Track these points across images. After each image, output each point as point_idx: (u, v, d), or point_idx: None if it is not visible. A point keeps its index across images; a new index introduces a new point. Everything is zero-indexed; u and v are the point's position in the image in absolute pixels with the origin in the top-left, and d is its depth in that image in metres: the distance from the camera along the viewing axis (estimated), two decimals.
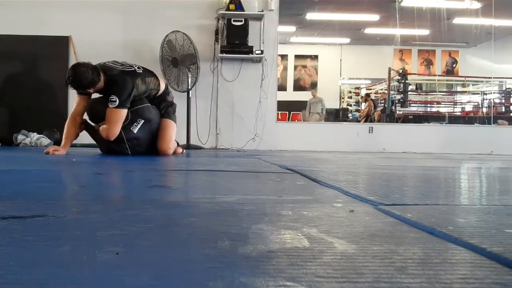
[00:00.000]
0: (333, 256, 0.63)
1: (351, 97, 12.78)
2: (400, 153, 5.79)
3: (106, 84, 3.33)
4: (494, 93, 10.92)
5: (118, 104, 3.26)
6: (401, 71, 10.05)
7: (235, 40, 5.76)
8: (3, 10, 5.82)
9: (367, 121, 10.12)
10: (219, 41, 5.89)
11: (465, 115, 10.67)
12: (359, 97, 12.36)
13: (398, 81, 9.79)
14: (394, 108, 9.47)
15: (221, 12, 5.80)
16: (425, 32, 10.91)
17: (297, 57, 12.64)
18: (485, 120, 9.07)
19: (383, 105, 10.33)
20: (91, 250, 0.63)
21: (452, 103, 11.54)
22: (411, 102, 10.42)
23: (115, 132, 3.30)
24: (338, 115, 11.48)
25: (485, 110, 10.11)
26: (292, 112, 11.24)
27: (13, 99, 5.90)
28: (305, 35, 11.85)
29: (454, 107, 11.47)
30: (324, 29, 11.30)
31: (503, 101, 10.83)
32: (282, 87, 11.40)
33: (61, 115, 5.26)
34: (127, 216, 0.94)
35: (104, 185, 1.70)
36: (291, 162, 3.09)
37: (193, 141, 5.73)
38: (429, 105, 11.34)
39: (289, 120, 10.95)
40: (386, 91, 9.92)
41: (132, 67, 3.46)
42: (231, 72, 6.03)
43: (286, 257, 0.62)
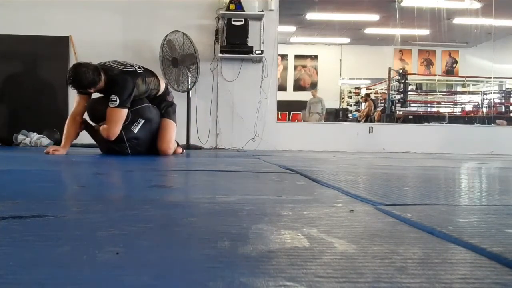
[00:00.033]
0: (333, 256, 0.63)
1: (351, 97, 12.78)
2: (400, 153, 5.79)
3: (106, 84, 3.33)
4: (494, 93, 10.92)
5: (118, 103, 3.26)
6: (401, 71, 10.05)
7: (235, 40, 5.76)
8: (3, 10, 5.82)
9: (367, 121, 10.12)
10: (219, 41, 5.89)
11: (465, 115, 10.67)
12: (359, 97, 12.36)
13: (398, 81, 9.79)
14: (394, 108, 9.47)
15: (221, 12, 5.80)
16: (425, 32, 10.90)
17: (297, 57, 12.64)
18: (485, 120, 9.07)
19: (383, 105, 10.33)
20: (91, 250, 0.63)
21: (452, 103, 11.54)
22: (411, 102, 10.42)
23: (115, 131, 3.30)
24: (338, 115, 11.48)
25: (485, 110, 10.10)
26: (292, 112, 11.24)
27: (13, 99, 5.90)
28: (305, 35, 11.85)
29: (454, 107, 11.47)
30: (324, 29, 11.30)
31: (503, 101, 10.83)
32: (282, 87, 11.40)
33: (61, 115, 5.26)
34: (127, 216, 0.94)
35: (104, 185, 1.70)
36: (291, 162, 3.08)
37: (193, 141, 5.73)
38: (429, 105, 11.34)
39: (289, 120, 10.95)
40: (386, 91, 9.92)
41: (132, 67, 3.46)
42: (231, 72, 6.03)
43: (286, 257, 0.62)
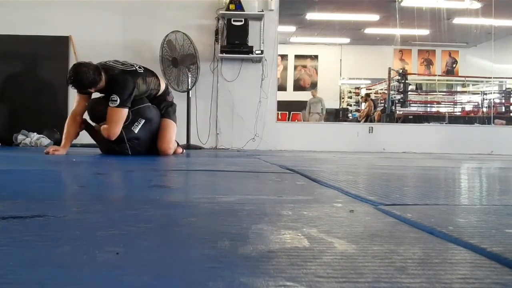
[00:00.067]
0: (333, 256, 0.63)
1: (351, 97, 12.77)
2: (400, 153, 5.79)
3: (107, 83, 3.32)
4: (494, 93, 10.92)
5: (119, 103, 3.25)
6: (401, 71, 10.05)
7: (235, 40, 5.76)
8: (3, 10, 5.82)
9: (367, 121, 10.12)
10: (219, 41, 5.89)
11: (465, 115, 10.66)
12: (359, 97, 12.35)
13: (398, 81, 9.79)
14: (394, 108, 9.47)
15: (221, 12, 5.80)
16: (425, 32, 10.90)
17: (297, 57, 12.64)
18: (485, 120, 9.07)
19: (383, 105, 10.33)
20: (91, 250, 0.63)
21: (452, 103, 11.54)
22: (411, 102, 10.42)
23: (116, 131, 3.30)
24: (338, 115, 11.49)
25: (485, 110, 10.10)
26: (292, 112, 11.24)
27: (13, 99, 5.90)
28: (305, 35, 11.85)
29: (454, 107, 11.47)
30: (324, 29, 11.30)
31: (503, 101, 10.83)
32: (282, 87, 11.40)
33: (61, 115, 5.25)
34: (127, 216, 0.94)
35: (104, 185, 1.70)
36: (291, 162, 3.08)
37: (193, 141, 5.73)
38: (429, 105, 11.34)
39: (289, 120, 10.95)
40: (386, 91, 9.92)
41: (133, 66, 3.46)
42: (231, 72, 6.03)
43: (286, 257, 0.62)
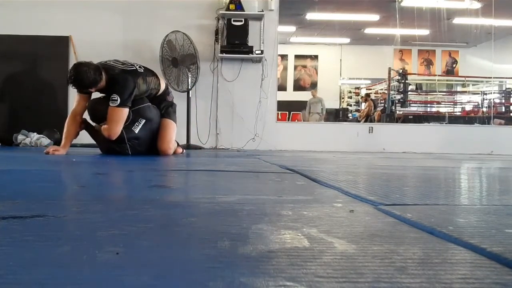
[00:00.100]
0: (333, 256, 0.63)
1: (351, 97, 12.77)
2: (400, 153, 5.79)
3: (107, 83, 3.32)
4: (494, 93, 10.92)
5: (119, 103, 3.25)
6: (401, 71, 10.05)
7: (235, 40, 5.76)
8: (3, 10, 5.82)
9: (367, 121, 10.12)
10: (219, 41, 5.89)
11: (465, 115, 10.66)
12: (359, 97, 12.35)
13: (398, 81, 9.79)
14: (394, 108, 9.47)
15: (221, 12, 5.80)
16: (425, 32, 10.90)
17: (297, 57, 12.64)
18: (485, 120, 9.07)
19: (383, 105, 10.33)
20: (91, 250, 0.63)
21: (452, 103, 11.54)
22: (411, 102, 10.42)
23: (117, 131, 3.30)
24: (338, 115, 11.49)
25: (485, 110, 10.10)
26: (292, 112, 11.24)
27: (13, 99, 5.90)
28: (305, 35, 11.85)
29: (454, 107, 11.47)
30: (324, 29, 11.30)
31: (503, 101, 10.82)
32: (282, 87, 11.40)
33: (61, 115, 5.24)
34: (127, 216, 0.94)
35: (104, 185, 1.70)
36: (291, 162, 3.08)
37: (193, 141, 5.73)
38: (429, 105, 11.34)
39: (289, 120, 10.95)
40: (386, 91, 9.92)
41: (133, 66, 3.46)
42: (231, 72, 6.03)
43: (286, 257, 0.62)
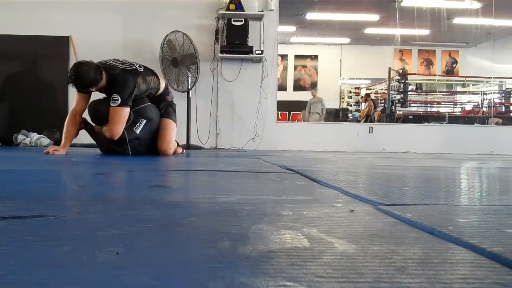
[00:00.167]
0: (333, 256, 0.63)
1: (351, 97, 12.77)
2: (400, 153, 5.79)
3: (107, 82, 3.32)
4: (494, 93, 10.91)
5: (120, 102, 3.25)
6: (401, 71, 10.05)
7: (235, 40, 5.76)
8: (3, 10, 5.82)
9: (367, 121, 10.12)
10: (219, 41, 5.89)
11: (466, 114, 10.65)
12: (359, 97, 12.35)
13: (398, 81, 9.79)
14: (394, 108, 9.47)
15: (221, 12, 5.80)
16: (425, 32, 10.90)
17: (297, 57, 12.64)
18: (485, 120, 9.07)
19: (383, 105, 10.32)
20: (91, 250, 0.63)
21: (452, 103, 11.54)
22: (411, 102, 10.42)
23: (118, 131, 3.30)
24: (338, 115, 11.48)
25: (485, 110, 10.10)
26: (292, 112, 11.24)
27: (13, 99, 5.90)
28: (305, 35, 11.84)
29: (454, 107, 11.47)
30: (324, 29, 11.30)
31: (503, 101, 10.82)
32: (282, 87, 11.40)
33: (61, 115, 5.22)
34: (127, 216, 0.94)
35: (104, 185, 1.70)
36: (291, 162, 3.08)
37: (193, 141, 5.73)
38: (429, 105, 11.33)
39: (289, 120, 10.95)
40: (386, 91, 9.92)
41: (133, 65, 3.46)
42: (231, 72, 6.03)
43: (286, 257, 0.62)
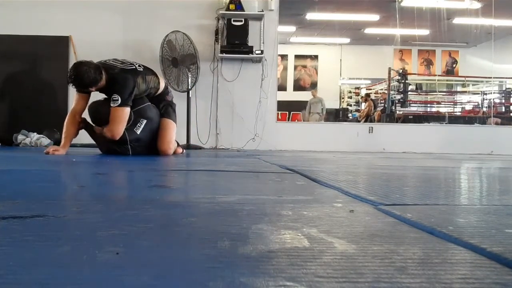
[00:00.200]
0: (333, 256, 0.63)
1: (351, 97, 12.77)
2: (400, 153, 5.79)
3: (107, 82, 3.32)
4: (494, 93, 10.91)
5: (120, 102, 3.25)
6: (401, 71, 10.05)
7: (235, 40, 5.76)
8: (3, 10, 5.82)
9: (367, 121, 10.12)
10: (219, 41, 5.89)
11: (466, 114, 10.65)
12: (359, 97, 12.35)
13: (398, 81, 9.78)
14: (394, 108, 9.47)
15: (221, 12, 5.80)
16: (425, 32, 10.90)
17: (297, 57, 12.63)
18: (485, 120, 9.07)
19: (383, 105, 10.32)
20: (91, 250, 0.63)
21: (452, 103, 11.53)
22: (411, 102, 10.42)
23: (120, 131, 3.30)
24: (338, 115, 11.48)
25: (485, 110, 10.10)
26: (292, 112, 11.24)
27: (13, 99, 5.90)
28: (305, 35, 11.84)
29: (454, 107, 11.47)
30: (324, 29, 11.29)
31: (503, 101, 10.82)
32: (282, 87, 11.39)
33: (61, 115, 5.20)
34: (127, 216, 0.94)
35: (104, 185, 1.70)
36: (291, 162, 3.08)
37: (193, 141, 5.73)
38: (429, 105, 11.33)
39: (289, 120, 10.95)
40: (386, 91, 9.92)
41: (132, 65, 3.46)
42: (231, 72, 6.03)
43: (286, 257, 0.61)
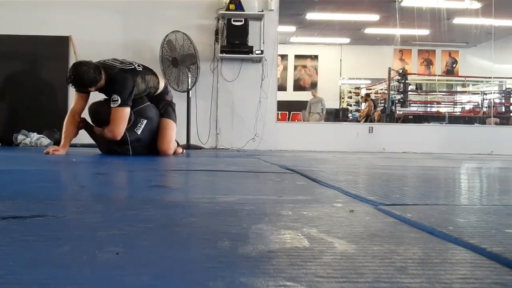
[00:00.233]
0: (333, 256, 0.63)
1: (351, 97, 12.77)
2: (400, 153, 5.79)
3: (106, 82, 3.32)
4: (494, 93, 10.91)
5: (120, 103, 3.25)
6: (401, 71, 10.05)
7: (235, 40, 5.76)
8: (3, 10, 5.82)
9: (367, 121, 10.12)
10: (219, 41, 5.89)
11: (467, 113, 10.64)
12: (359, 97, 12.35)
13: (398, 81, 9.79)
14: (394, 108, 9.47)
15: (221, 12, 5.80)
16: (425, 32, 10.90)
17: (297, 57, 12.64)
18: (485, 120, 9.07)
19: (383, 105, 10.32)
20: (91, 250, 0.63)
21: (452, 103, 11.53)
22: (411, 102, 10.42)
23: (120, 131, 3.30)
24: (338, 115, 11.48)
25: (485, 110, 10.10)
26: (292, 112, 11.24)
27: (13, 99, 5.90)
28: (305, 35, 11.84)
29: (454, 107, 11.46)
30: (324, 29, 11.29)
31: (503, 101, 10.82)
32: (282, 87, 11.39)
33: (61, 115, 5.18)
34: (127, 216, 0.94)
35: (104, 185, 1.70)
36: (291, 162, 3.08)
37: (193, 141, 5.73)
38: (429, 105, 11.33)
39: (289, 120, 10.95)
40: (386, 91, 9.92)
41: (132, 64, 3.45)
42: (231, 72, 6.03)
43: (286, 257, 0.61)
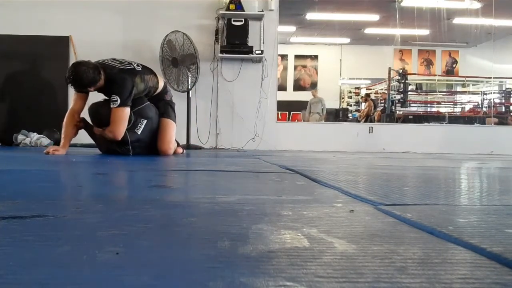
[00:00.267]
0: (333, 256, 0.63)
1: (351, 97, 12.77)
2: (400, 153, 5.79)
3: (105, 82, 3.32)
4: (494, 93, 10.91)
5: (120, 103, 3.25)
6: (401, 71, 10.05)
7: (235, 40, 5.76)
8: (3, 10, 5.82)
9: (367, 121, 10.12)
10: (219, 41, 5.89)
11: (467, 113, 10.64)
12: (359, 97, 12.35)
13: (398, 81, 9.79)
14: (394, 108, 9.47)
15: (221, 12, 5.80)
16: (425, 32, 10.90)
17: (297, 57, 12.64)
18: (485, 120, 9.07)
19: (383, 105, 10.32)
20: (91, 250, 0.63)
21: (452, 103, 11.53)
22: (411, 102, 10.42)
23: (121, 131, 3.30)
24: (338, 115, 11.48)
25: (485, 110, 10.10)
26: (292, 112, 11.24)
27: (13, 99, 5.90)
28: (305, 35, 11.84)
29: (454, 107, 11.46)
30: (324, 29, 11.30)
31: (503, 101, 10.82)
32: (282, 87, 11.40)
33: (61, 115, 5.15)
34: (127, 216, 0.94)
35: (104, 185, 1.70)
36: (291, 162, 3.08)
37: (193, 141, 5.73)
38: (429, 105, 11.33)
39: (289, 120, 10.95)
40: (386, 91, 9.92)
41: (131, 64, 3.45)
42: (231, 72, 6.03)
43: (286, 257, 0.61)
